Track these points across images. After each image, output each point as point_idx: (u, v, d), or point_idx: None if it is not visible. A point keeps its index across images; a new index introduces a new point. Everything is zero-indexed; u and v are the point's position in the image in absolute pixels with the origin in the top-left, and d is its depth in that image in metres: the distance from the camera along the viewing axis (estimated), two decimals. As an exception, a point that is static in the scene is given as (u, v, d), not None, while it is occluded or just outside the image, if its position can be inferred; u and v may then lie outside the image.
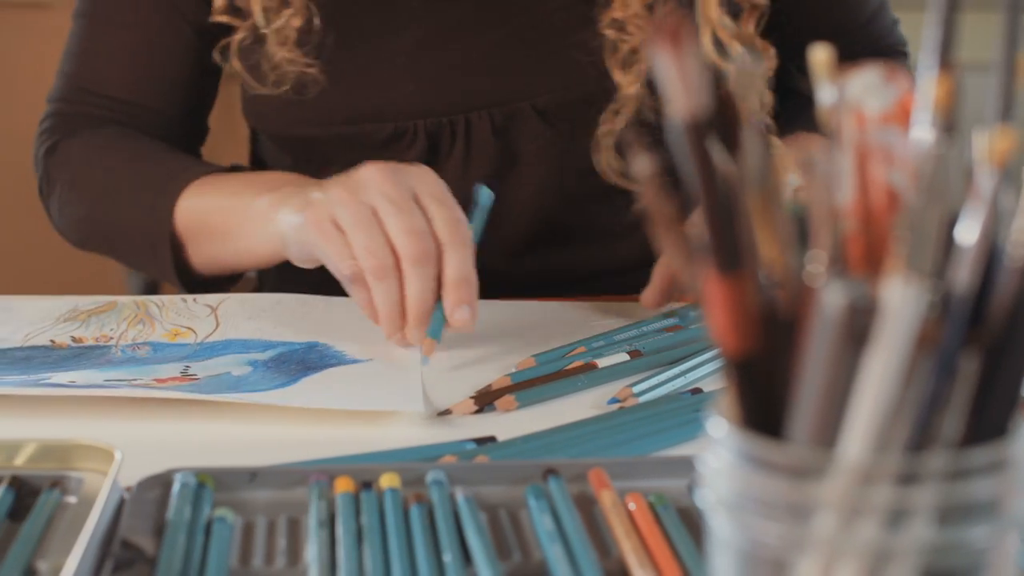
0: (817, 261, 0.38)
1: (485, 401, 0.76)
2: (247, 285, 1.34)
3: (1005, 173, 0.38)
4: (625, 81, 0.98)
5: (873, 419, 0.38)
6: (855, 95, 0.41)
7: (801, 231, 0.39)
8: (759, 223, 0.38)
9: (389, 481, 0.63)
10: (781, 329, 0.39)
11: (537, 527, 0.59)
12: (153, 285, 2.85)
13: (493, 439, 0.71)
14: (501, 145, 1.04)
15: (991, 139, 0.38)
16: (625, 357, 0.82)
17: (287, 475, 0.64)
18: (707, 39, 0.96)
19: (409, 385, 0.80)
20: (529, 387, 0.78)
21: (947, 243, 0.38)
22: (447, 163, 1.05)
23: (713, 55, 0.97)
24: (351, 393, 0.78)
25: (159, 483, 0.63)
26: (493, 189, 0.94)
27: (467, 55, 1.03)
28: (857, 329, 0.37)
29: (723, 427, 0.40)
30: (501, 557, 0.57)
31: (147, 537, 0.59)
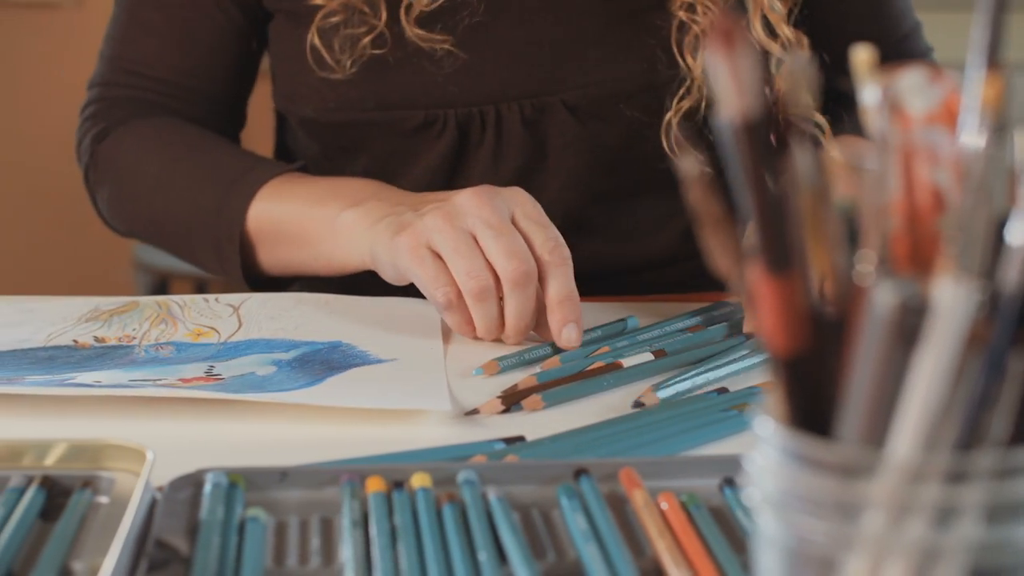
0: (867, 261, 0.39)
1: (512, 401, 0.76)
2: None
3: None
4: (694, 65, 0.98)
5: (922, 418, 0.38)
6: (900, 95, 0.41)
7: (850, 231, 0.39)
8: (809, 223, 0.38)
9: (420, 481, 0.63)
10: (829, 328, 0.39)
11: (571, 526, 0.59)
12: (161, 285, 2.86)
13: (522, 439, 0.71)
14: (530, 137, 1.04)
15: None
16: (649, 357, 0.82)
17: (318, 475, 0.64)
18: (757, 22, 0.96)
19: (435, 384, 0.80)
20: (555, 387, 0.78)
21: (996, 243, 0.38)
22: (477, 153, 1.05)
23: (763, 38, 0.97)
24: (378, 392, 0.78)
25: (190, 483, 0.63)
26: (521, 182, 0.94)
27: (499, 46, 1.03)
28: (907, 328, 0.37)
29: (770, 426, 0.41)
30: (535, 557, 0.57)
31: (181, 537, 0.59)
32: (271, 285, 1.04)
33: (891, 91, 0.41)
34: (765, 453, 0.41)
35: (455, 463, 0.66)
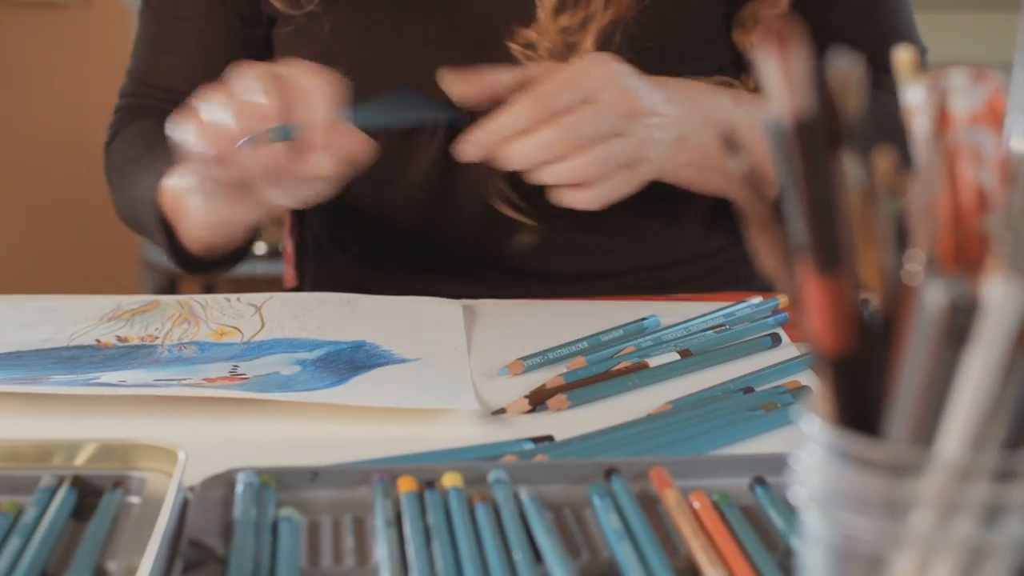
0: (916, 260, 0.39)
1: (539, 400, 0.76)
2: (278, 285, 1.35)
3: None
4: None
5: (971, 416, 0.38)
6: (944, 95, 0.41)
7: (898, 230, 0.39)
8: (858, 222, 0.38)
9: (452, 480, 0.63)
10: (877, 327, 0.39)
11: (604, 526, 0.59)
12: (170, 285, 2.86)
13: (551, 438, 0.71)
14: None
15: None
16: (675, 356, 0.82)
17: (349, 474, 0.64)
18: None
19: (460, 383, 0.80)
20: (581, 387, 0.78)
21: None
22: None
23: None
24: (404, 392, 0.79)
25: (222, 483, 0.64)
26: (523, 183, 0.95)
27: (484, 48, 1.03)
28: (957, 327, 0.37)
29: (817, 424, 0.41)
30: (569, 556, 0.58)
31: (215, 537, 0.59)
32: (207, 267, 1.05)
33: (935, 91, 0.41)
34: (812, 452, 0.41)
35: (486, 463, 0.66)
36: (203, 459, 0.65)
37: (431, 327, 0.91)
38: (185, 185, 0.96)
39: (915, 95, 0.41)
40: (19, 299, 0.99)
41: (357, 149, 0.89)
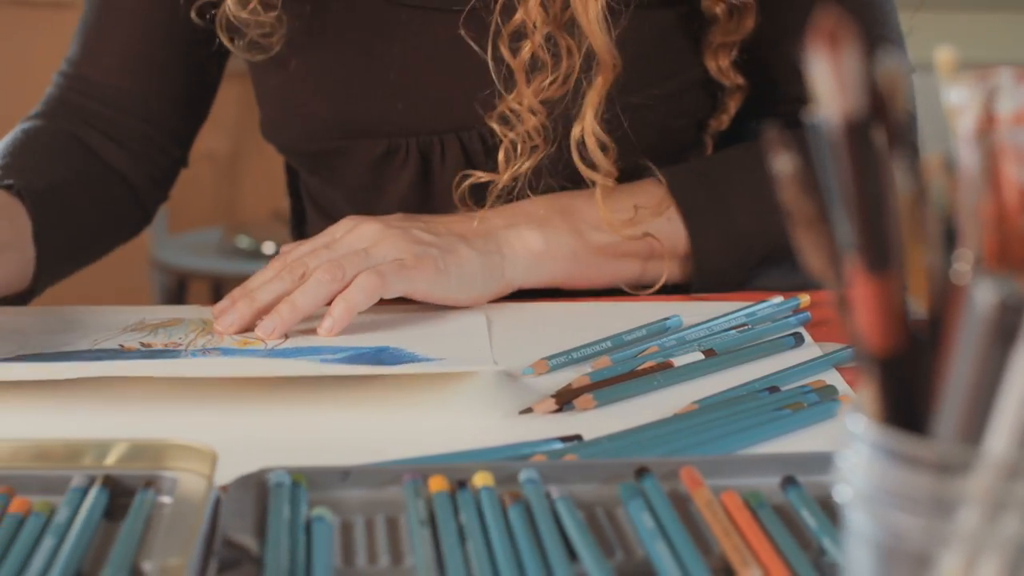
0: (964, 260, 0.39)
1: (565, 399, 0.77)
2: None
3: None
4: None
5: (1019, 414, 0.38)
6: (987, 96, 0.41)
7: (947, 230, 0.39)
8: (908, 222, 0.38)
9: (483, 480, 0.63)
10: (925, 327, 0.40)
11: (637, 525, 0.60)
12: (179, 286, 2.86)
13: (579, 438, 0.71)
14: (494, 164, 1.03)
15: None
16: (699, 356, 0.82)
17: (380, 474, 0.65)
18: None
19: (479, 351, 0.83)
20: (607, 386, 0.78)
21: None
22: (440, 181, 1.06)
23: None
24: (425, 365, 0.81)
25: (253, 483, 0.64)
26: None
27: (454, 73, 1.03)
28: (1006, 326, 0.38)
29: (863, 423, 0.41)
30: (604, 555, 0.58)
31: (249, 537, 0.59)
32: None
33: (978, 92, 0.41)
34: (857, 450, 0.41)
35: (516, 462, 0.67)
36: (227, 458, 0.65)
37: (454, 332, 0.91)
38: None
39: (958, 95, 0.42)
40: (41, 311, 0.99)
41: None
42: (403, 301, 0.94)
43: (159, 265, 2.82)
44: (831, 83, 0.37)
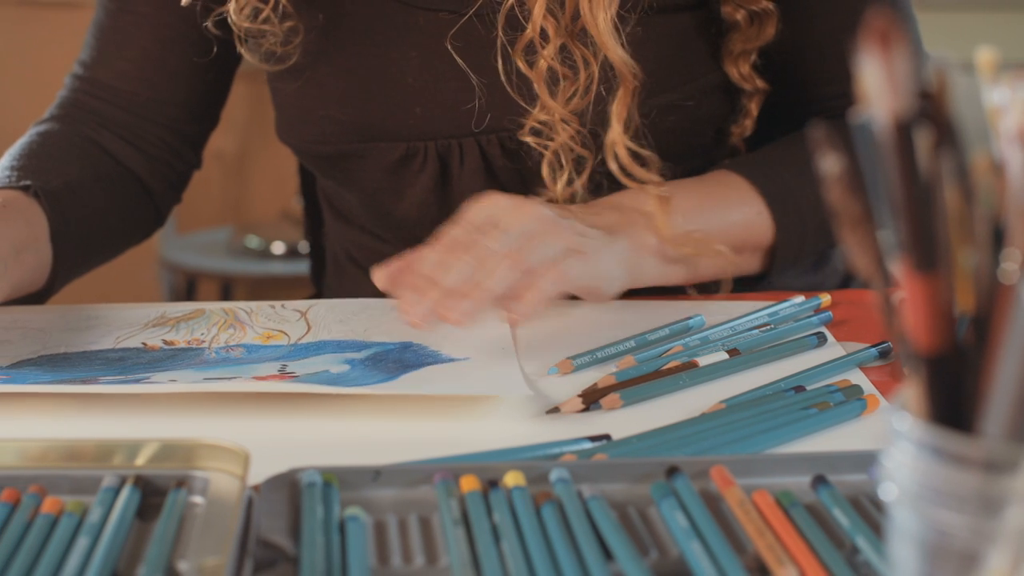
0: (1012, 259, 0.39)
1: (592, 399, 0.77)
2: (306, 294, 1.35)
3: None
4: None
5: (1067, 414, 0.38)
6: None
7: (995, 230, 0.39)
8: (956, 221, 0.39)
9: (514, 479, 0.63)
10: (972, 325, 0.40)
11: (670, 524, 0.60)
12: (188, 285, 2.86)
13: (608, 437, 0.71)
14: (513, 167, 1.04)
15: None
16: (723, 356, 0.83)
17: (411, 473, 0.65)
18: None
19: (510, 373, 0.81)
20: (633, 385, 0.78)
21: None
22: (458, 185, 1.06)
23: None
24: (455, 384, 0.79)
25: (285, 482, 0.64)
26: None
27: (472, 78, 1.02)
28: (1054, 325, 0.38)
29: (909, 422, 0.41)
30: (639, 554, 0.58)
31: (284, 536, 0.59)
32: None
33: (1020, 92, 0.42)
34: (903, 449, 0.41)
35: (547, 461, 0.67)
36: (255, 458, 0.65)
37: (477, 329, 0.91)
38: None
39: (1000, 95, 0.42)
40: (62, 309, 0.99)
41: None
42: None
43: (168, 265, 2.82)
44: (881, 82, 0.37)
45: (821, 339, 0.87)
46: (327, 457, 0.67)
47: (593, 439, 0.71)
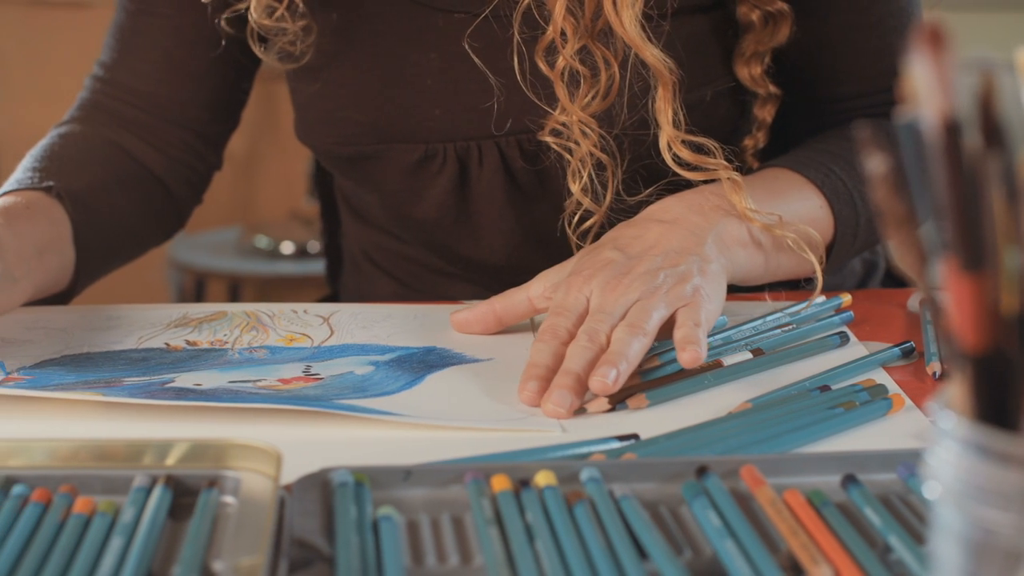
0: (1059, 258, 0.39)
1: (619, 399, 0.77)
2: (316, 295, 1.36)
3: None
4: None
5: (1113, 412, 0.39)
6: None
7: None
8: (1003, 221, 0.39)
9: (545, 479, 0.63)
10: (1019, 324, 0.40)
11: (703, 523, 0.60)
12: (197, 286, 2.86)
13: (636, 437, 0.72)
14: (531, 168, 1.04)
15: None
16: (747, 355, 0.83)
17: (442, 473, 0.65)
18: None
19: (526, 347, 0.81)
20: (659, 386, 0.79)
21: None
22: (477, 186, 1.06)
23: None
24: (483, 408, 0.78)
25: (316, 482, 0.64)
26: (523, 212, 0.97)
27: (492, 80, 1.01)
28: (1101, 324, 0.38)
29: (954, 420, 0.41)
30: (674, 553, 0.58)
31: (319, 536, 0.59)
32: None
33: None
34: (948, 447, 0.41)
35: (577, 461, 0.67)
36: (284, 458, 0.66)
37: (500, 333, 0.91)
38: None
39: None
40: (85, 309, 0.99)
41: None
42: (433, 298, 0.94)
43: (177, 264, 2.83)
44: (931, 83, 0.37)
45: (843, 339, 0.88)
46: (351, 456, 0.67)
47: (621, 438, 0.71)
